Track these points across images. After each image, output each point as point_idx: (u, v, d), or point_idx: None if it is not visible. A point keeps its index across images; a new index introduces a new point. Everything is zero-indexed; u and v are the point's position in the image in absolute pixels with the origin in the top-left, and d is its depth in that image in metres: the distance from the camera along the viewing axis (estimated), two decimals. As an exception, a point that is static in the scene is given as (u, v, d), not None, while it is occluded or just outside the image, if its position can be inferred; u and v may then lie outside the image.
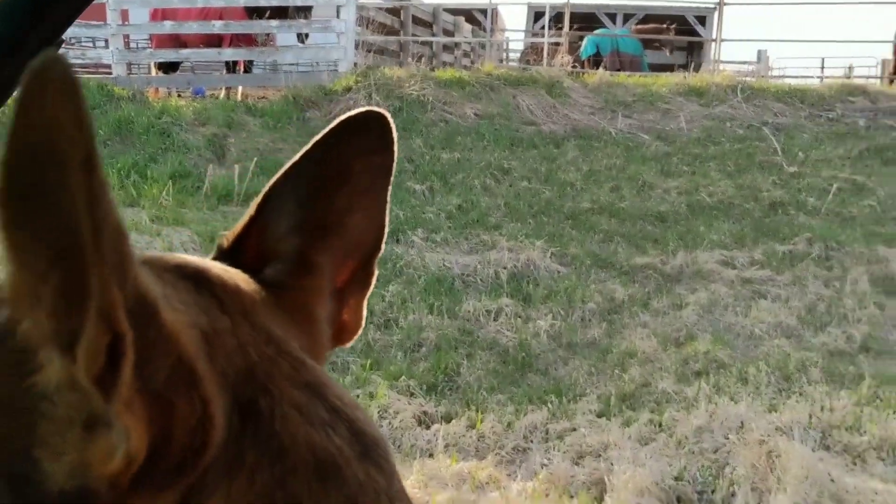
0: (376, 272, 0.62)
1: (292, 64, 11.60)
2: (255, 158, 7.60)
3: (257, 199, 0.59)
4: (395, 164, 0.60)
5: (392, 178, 0.61)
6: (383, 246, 0.62)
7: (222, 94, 10.90)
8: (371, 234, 0.61)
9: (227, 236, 0.59)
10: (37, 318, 0.40)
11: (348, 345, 0.61)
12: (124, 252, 0.38)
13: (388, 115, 0.59)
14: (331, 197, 0.59)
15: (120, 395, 0.40)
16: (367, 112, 0.59)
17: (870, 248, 6.76)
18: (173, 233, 6.21)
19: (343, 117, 0.58)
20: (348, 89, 9.72)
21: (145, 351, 0.40)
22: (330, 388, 0.50)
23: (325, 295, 0.59)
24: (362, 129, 0.59)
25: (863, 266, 6.46)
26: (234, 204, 7.07)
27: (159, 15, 10.59)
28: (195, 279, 0.50)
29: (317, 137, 0.58)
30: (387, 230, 0.62)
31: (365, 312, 0.62)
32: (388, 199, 0.61)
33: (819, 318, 5.70)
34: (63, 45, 0.86)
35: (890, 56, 14.23)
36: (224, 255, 0.59)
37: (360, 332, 0.62)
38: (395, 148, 0.60)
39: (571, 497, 3.41)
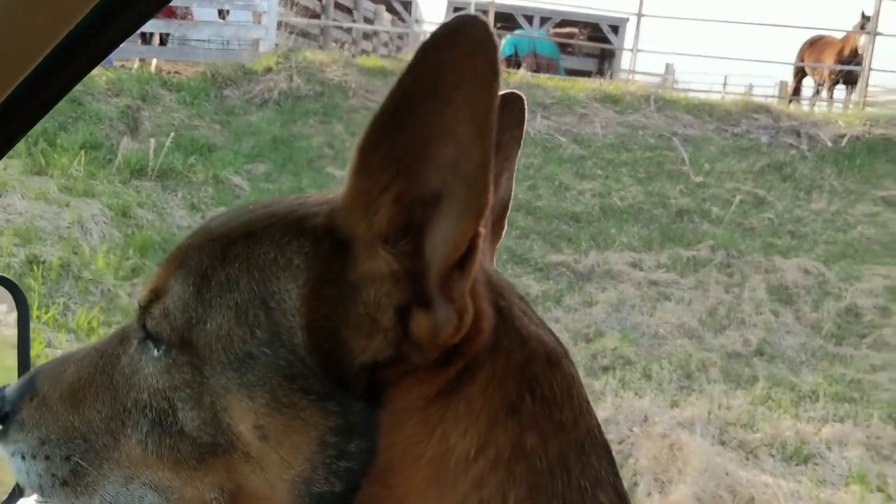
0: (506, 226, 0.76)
1: (203, 40, 11.26)
2: (172, 133, 7.41)
3: None
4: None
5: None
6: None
7: (135, 65, 10.53)
8: (510, 193, 0.75)
9: None
10: (370, 223, 0.49)
11: None
12: None
13: (524, 97, 0.72)
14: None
15: (467, 280, 0.50)
16: (509, 93, 0.71)
17: (767, 258, 7.14)
18: (83, 204, 5.99)
19: None
20: (269, 70, 9.56)
21: None
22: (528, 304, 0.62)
23: (489, 242, 0.72)
24: (507, 107, 0.70)
25: (760, 275, 6.82)
26: (148, 178, 6.87)
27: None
28: None
29: None
30: None
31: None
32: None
33: (719, 322, 6.00)
34: None
35: (789, 78, 14.95)
36: None
37: None
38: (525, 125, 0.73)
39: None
